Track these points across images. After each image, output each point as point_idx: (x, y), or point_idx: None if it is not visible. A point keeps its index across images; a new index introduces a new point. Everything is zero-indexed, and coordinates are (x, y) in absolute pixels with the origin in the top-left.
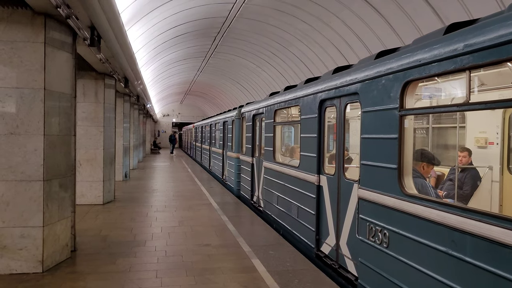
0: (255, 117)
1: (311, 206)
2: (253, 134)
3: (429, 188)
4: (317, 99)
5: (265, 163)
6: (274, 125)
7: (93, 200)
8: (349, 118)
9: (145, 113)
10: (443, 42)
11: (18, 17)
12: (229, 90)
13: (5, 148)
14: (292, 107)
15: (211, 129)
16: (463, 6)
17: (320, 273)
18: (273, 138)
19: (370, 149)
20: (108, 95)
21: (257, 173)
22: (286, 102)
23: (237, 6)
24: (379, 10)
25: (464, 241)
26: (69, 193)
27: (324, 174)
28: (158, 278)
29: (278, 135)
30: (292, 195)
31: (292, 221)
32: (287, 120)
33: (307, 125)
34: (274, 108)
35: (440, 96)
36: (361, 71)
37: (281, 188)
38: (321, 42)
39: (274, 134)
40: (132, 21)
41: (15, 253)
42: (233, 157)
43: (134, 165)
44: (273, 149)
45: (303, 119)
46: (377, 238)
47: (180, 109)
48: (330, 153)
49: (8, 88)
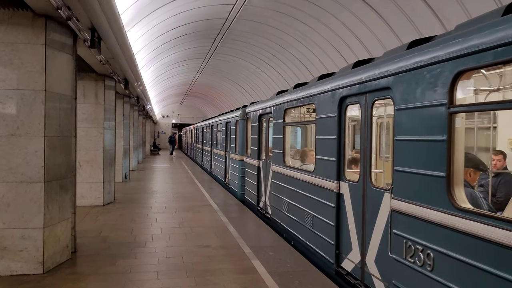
0: (261, 117)
1: (329, 216)
2: (259, 136)
3: (480, 199)
4: (336, 96)
5: (273, 167)
6: (284, 125)
7: (93, 201)
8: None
9: (145, 114)
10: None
11: (19, 18)
12: (229, 91)
13: (5, 149)
14: (306, 106)
15: (212, 130)
16: (462, 7)
17: (321, 275)
18: (282, 139)
19: (407, 153)
20: (108, 96)
21: (264, 177)
22: (298, 101)
23: (236, 7)
24: (379, 11)
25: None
26: (70, 194)
27: (346, 181)
28: (158, 279)
29: (289, 136)
30: (306, 203)
31: (306, 232)
32: (299, 120)
33: (324, 126)
34: (284, 107)
35: (489, 89)
36: (394, 62)
37: (292, 194)
38: (320, 43)
39: (283, 135)
40: (132, 22)
41: (16, 254)
42: (237, 159)
43: (134, 166)
44: (283, 152)
45: (319, 119)
46: (418, 259)
47: (180, 110)
48: (352, 157)
49: (9, 89)
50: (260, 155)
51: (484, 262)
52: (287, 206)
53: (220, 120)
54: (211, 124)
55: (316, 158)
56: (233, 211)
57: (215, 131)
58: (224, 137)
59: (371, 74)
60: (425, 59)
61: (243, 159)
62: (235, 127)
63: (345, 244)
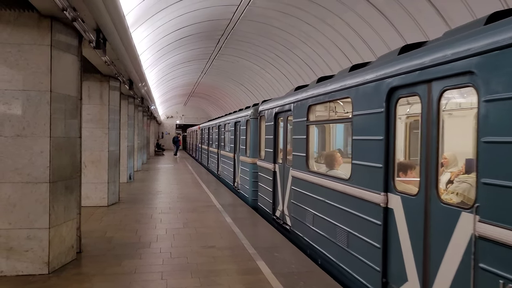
0: (278, 115)
1: (372, 235)
2: (275, 136)
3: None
4: (383, 88)
5: (293, 172)
6: (308, 124)
7: (98, 202)
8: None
9: (149, 115)
10: None
11: (24, 20)
12: (233, 92)
13: (11, 150)
14: (337, 101)
15: (219, 130)
16: (467, 7)
17: (326, 276)
18: (305, 141)
19: (502, 160)
20: (113, 97)
21: (281, 183)
22: (327, 95)
23: (241, 8)
24: (383, 12)
25: None
26: (75, 195)
27: (397, 193)
28: (163, 279)
29: (313, 137)
30: (339, 216)
31: (339, 251)
32: (328, 118)
33: (364, 124)
34: (308, 103)
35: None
36: (477, 39)
37: (319, 205)
38: (325, 44)
39: (307, 136)
40: (137, 23)
41: (22, 254)
42: (248, 162)
43: (138, 167)
44: (306, 155)
45: (357, 116)
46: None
47: (184, 111)
48: (404, 163)
49: (14, 90)
50: (276, 158)
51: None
52: (312, 218)
53: (228, 119)
54: (217, 124)
55: (353, 164)
56: (244, 216)
57: (223, 131)
58: (233, 138)
59: (439, 57)
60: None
61: (255, 162)
62: (245, 127)
63: (396, 272)
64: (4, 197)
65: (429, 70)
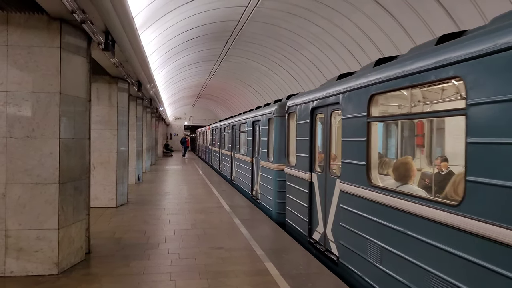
0: (315, 111)
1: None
2: (312, 137)
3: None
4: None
5: (343, 185)
6: (370, 121)
7: (106, 202)
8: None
9: (158, 116)
10: None
11: (34, 22)
12: (241, 93)
13: (21, 151)
14: (426, 86)
15: (233, 131)
16: (477, 8)
17: (334, 277)
18: (365, 144)
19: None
20: (121, 98)
21: (322, 198)
22: (407, 78)
23: (249, 9)
24: (392, 12)
25: None
26: (84, 196)
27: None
28: (171, 280)
29: (376, 138)
30: (435, 257)
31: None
32: (408, 111)
33: (493, 119)
34: (370, 92)
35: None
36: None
37: (392, 236)
38: (333, 45)
39: (368, 137)
40: (145, 25)
41: (31, 255)
42: (272, 169)
43: (147, 168)
44: (367, 164)
45: (479, 106)
46: None
47: (192, 112)
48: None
49: (24, 92)
50: (314, 166)
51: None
52: (378, 253)
53: (244, 119)
54: (231, 124)
55: (467, 181)
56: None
57: (237, 132)
58: (251, 139)
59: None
60: None
61: (281, 169)
62: (267, 127)
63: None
64: (14, 198)
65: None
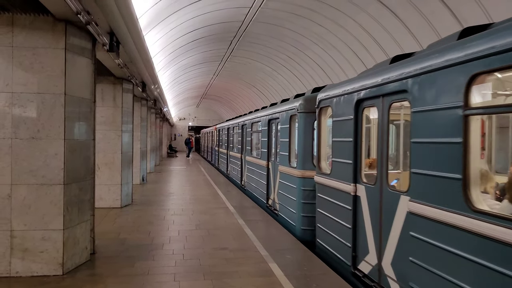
0: (362, 104)
1: None
2: (357, 139)
3: None
4: None
5: (414, 205)
6: (468, 114)
7: (111, 203)
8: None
9: (162, 117)
10: None
11: (39, 23)
12: (245, 93)
13: (26, 152)
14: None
15: (243, 131)
16: (481, 8)
17: (339, 278)
18: (463, 148)
19: None
20: (126, 99)
21: (373, 219)
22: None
23: (253, 10)
24: (396, 13)
25: None
26: (88, 196)
27: None
28: (176, 281)
29: (477, 139)
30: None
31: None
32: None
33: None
34: (471, 70)
35: None
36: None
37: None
38: (337, 45)
39: (466, 137)
40: (150, 26)
41: (36, 255)
42: (295, 176)
43: (151, 168)
44: (464, 177)
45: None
46: None
47: (196, 112)
48: None
49: (30, 93)
50: (359, 176)
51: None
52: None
53: (257, 117)
54: (241, 123)
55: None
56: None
57: (248, 132)
58: (266, 140)
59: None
60: None
61: (309, 177)
62: (288, 126)
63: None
64: (20, 199)
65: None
